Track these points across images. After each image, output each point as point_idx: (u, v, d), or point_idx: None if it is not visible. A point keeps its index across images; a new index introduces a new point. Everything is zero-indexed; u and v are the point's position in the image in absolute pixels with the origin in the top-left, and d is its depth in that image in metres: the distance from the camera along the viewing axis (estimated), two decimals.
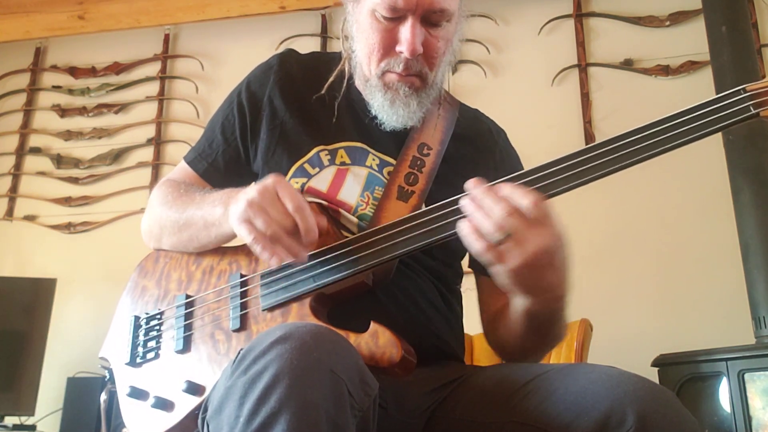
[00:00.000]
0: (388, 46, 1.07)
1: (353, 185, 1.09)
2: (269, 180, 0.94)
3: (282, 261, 0.93)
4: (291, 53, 1.24)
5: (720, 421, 2.19)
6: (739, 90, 0.87)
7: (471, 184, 0.88)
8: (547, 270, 0.87)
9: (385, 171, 1.11)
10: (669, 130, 0.87)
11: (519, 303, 0.96)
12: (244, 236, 0.93)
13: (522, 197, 0.85)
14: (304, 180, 1.10)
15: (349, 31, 1.15)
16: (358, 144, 1.13)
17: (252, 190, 0.93)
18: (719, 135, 2.55)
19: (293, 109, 1.16)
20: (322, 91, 1.16)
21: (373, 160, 1.12)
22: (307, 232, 0.91)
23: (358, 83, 1.18)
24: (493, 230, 0.84)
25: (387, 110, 1.10)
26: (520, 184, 0.88)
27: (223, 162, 1.20)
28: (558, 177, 0.90)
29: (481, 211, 0.86)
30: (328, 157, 1.12)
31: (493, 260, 0.86)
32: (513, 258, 0.85)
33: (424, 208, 0.97)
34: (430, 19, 1.06)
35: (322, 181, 1.10)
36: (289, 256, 0.92)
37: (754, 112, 0.85)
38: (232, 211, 0.96)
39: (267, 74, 1.19)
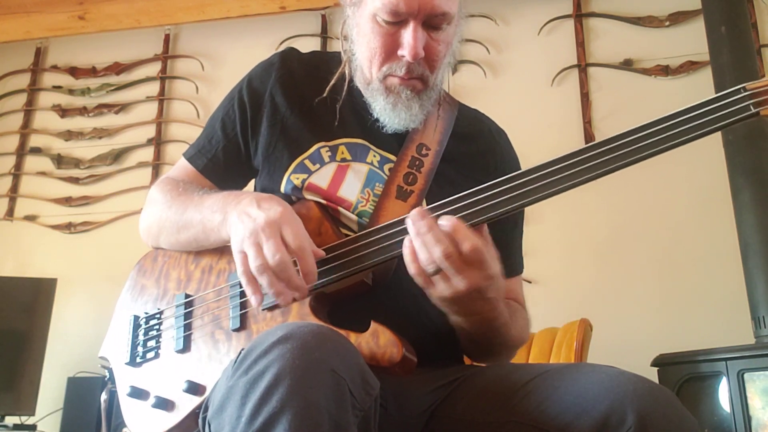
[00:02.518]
0: (390, 51, 1.07)
1: (353, 182, 1.09)
2: (275, 212, 0.94)
3: (261, 302, 0.94)
4: (292, 51, 1.24)
5: (720, 420, 2.20)
6: (738, 89, 0.86)
7: (415, 214, 0.90)
8: (475, 301, 0.91)
9: (385, 168, 1.12)
10: (668, 130, 0.87)
11: (451, 317, 0.99)
12: (236, 266, 0.94)
13: (463, 240, 0.87)
14: (305, 176, 1.10)
15: (349, 34, 1.15)
16: (359, 140, 1.14)
17: (257, 217, 0.94)
18: (719, 135, 2.56)
19: (294, 105, 1.16)
20: (324, 94, 1.16)
21: (374, 156, 1.12)
22: (306, 275, 0.92)
23: (359, 85, 1.18)
24: (426, 263, 0.88)
25: (389, 113, 1.10)
26: (462, 224, 0.89)
27: (223, 157, 1.20)
28: (556, 177, 0.90)
29: (420, 239, 0.88)
30: (329, 153, 1.12)
31: (423, 285, 0.90)
32: (441, 290, 0.89)
33: (424, 206, 0.98)
34: (432, 23, 1.06)
35: (322, 177, 1.10)
36: (274, 296, 0.92)
37: (754, 111, 0.85)
38: (232, 229, 0.97)
39: (268, 71, 1.19)
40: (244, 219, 0.95)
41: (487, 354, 1.10)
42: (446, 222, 0.88)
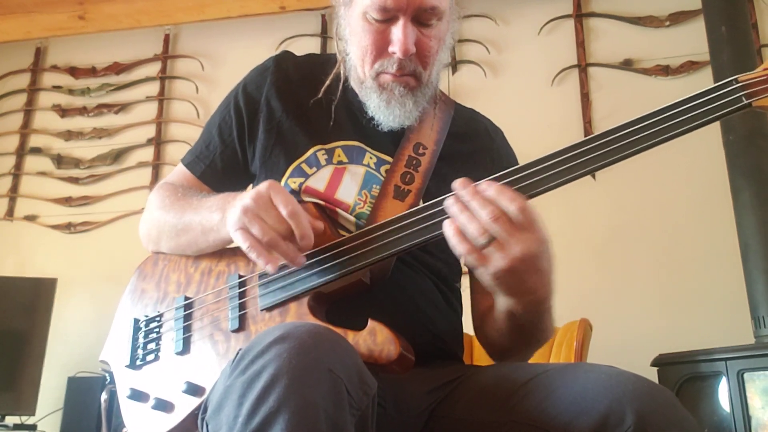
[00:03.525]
0: (381, 48, 1.07)
1: (350, 184, 1.10)
2: (263, 186, 0.95)
3: (277, 267, 0.94)
4: (287, 55, 1.24)
5: (719, 420, 2.19)
6: (731, 81, 0.87)
7: (457, 184, 0.88)
8: (531, 274, 0.88)
9: (382, 169, 1.12)
10: (662, 122, 0.88)
11: (501, 302, 0.97)
12: (240, 243, 0.94)
13: (509, 201, 0.85)
14: (302, 180, 1.10)
15: (343, 34, 1.15)
16: (355, 143, 1.14)
17: (247, 196, 0.94)
18: (719, 135, 2.56)
19: (290, 109, 1.16)
20: (319, 95, 1.16)
21: (371, 158, 1.13)
22: (302, 238, 0.92)
23: (354, 85, 1.18)
24: (477, 234, 0.85)
25: (383, 111, 1.10)
26: (506, 186, 0.88)
27: (221, 164, 1.20)
28: (552, 171, 0.90)
29: (466, 214, 0.86)
30: (325, 156, 1.12)
31: (477, 263, 0.87)
32: (496, 262, 0.85)
33: (421, 205, 0.98)
34: (421, 18, 1.06)
35: (319, 180, 1.10)
36: (285, 261, 0.93)
37: (746, 102, 0.85)
38: (228, 218, 0.97)
39: (263, 75, 1.20)
40: (236, 203, 0.96)
41: (522, 347, 1.08)
42: (487, 187, 0.87)
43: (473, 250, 0.86)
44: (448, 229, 0.87)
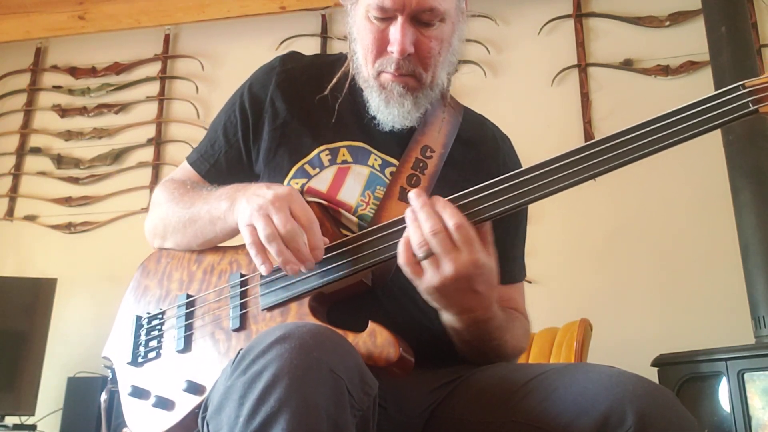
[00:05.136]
0: (381, 47, 1.08)
1: (354, 185, 1.09)
2: (284, 190, 0.95)
3: (270, 270, 0.95)
4: (293, 55, 1.24)
5: (720, 420, 2.20)
6: (738, 86, 0.86)
7: (413, 195, 0.91)
8: (465, 293, 0.91)
9: (387, 171, 1.11)
10: (667, 128, 0.87)
11: (443, 316, 0.99)
12: (245, 238, 0.95)
13: (449, 217, 0.88)
14: (304, 181, 1.10)
15: (351, 33, 1.15)
16: (361, 144, 1.13)
17: (266, 194, 0.94)
18: (719, 135, 2.56)
19: (295, 110, 1.16)
20: (326, 92, 1.16)
21: (375, 160, 1.12)
22: (313, 249, 0.93)
23: (360, 84, 1.18)
24: (417, 246, 0.88)
25: (383, 110, 1.11)
26: (454, 202, 0.91)
27: (225, 163, 1.20)
28: (555, 176, 0.90)
29: (415, 224, 0.89)
30: (329, 156, 1.12)
31: (412, 275, 0.90)
32: (429, 277, 0.89)
33: None
34: (421, 19, 1.06)
35: (321, 181, 1.09)
36: (278, 263, 0.93)
37: (752, 108, 0.85)
38: (239, 210, 0.97)
39: (269, 75, 1.19)
40: (252, 199, 0.96)
41: (481, 358, 1.08)
42: (436, 200, 0.90)
43: (411, 262, 0.89)
44: (401, 239, 0.91)
